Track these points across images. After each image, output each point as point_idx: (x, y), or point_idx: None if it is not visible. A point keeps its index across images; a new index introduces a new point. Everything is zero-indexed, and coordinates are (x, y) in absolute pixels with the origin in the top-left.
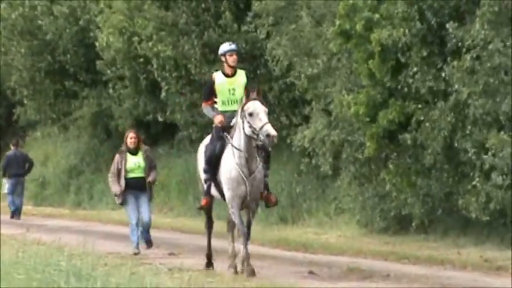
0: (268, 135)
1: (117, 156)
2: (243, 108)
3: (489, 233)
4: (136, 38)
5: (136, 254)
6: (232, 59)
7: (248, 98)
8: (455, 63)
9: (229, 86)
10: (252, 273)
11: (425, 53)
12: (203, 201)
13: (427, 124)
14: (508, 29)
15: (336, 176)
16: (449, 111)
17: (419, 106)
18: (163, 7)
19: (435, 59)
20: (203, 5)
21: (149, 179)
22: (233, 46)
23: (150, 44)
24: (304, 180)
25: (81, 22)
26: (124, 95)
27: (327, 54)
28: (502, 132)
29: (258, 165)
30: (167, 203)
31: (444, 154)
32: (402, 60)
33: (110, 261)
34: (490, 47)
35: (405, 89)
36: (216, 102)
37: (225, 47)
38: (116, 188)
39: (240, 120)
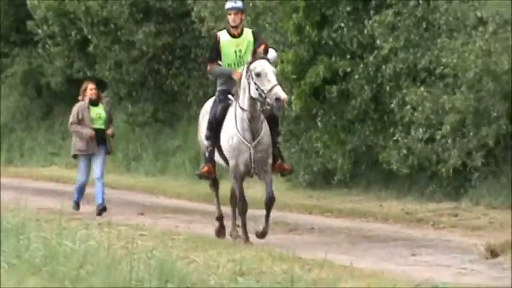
0: (277, 99)
1: (77, 106)
2: (248, 67)
3: (410, 187)
4: None
5: (100, 212)
6: (232, 18)
7: (255, 57)
8: (377, 17)
9: (235, 47)
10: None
11: (349, 8)
12: (205, 169)
13: (355, 77)
14: None
15: None
16: (373, 65)
17: (346, 61)
18: None
19: (361, 14)
20: None
21: (109, 131)
22: (238, 4)
23: (79, 0)
24: None
25: None
26: (55, 53)
27: (253, 14)
28: (422, 88)
29: (264, 129)
30: None
31: (368, 108)
32: (329, 14)
33: (42, 216)
34: (411, 3)
35: (332, 44)
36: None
37: (228, 4)
38: (87, 130)
39: (245, 81)
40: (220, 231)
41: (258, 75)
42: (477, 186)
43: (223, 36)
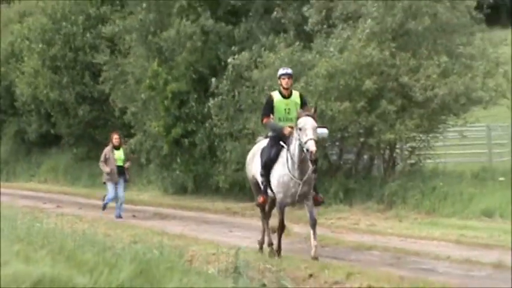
0: (307, 150)
1: (105, 149)
2: (296, 122)
3: (228, 194)
4: None
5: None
6: (285, 82)
7: (300, 114)
8: (212, 102)
9: (285, 106)
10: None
11: (196, 95)
12: (261, 199)
13: (199, 134)
14: None
15: (148, 164)
16: (209, 128)
17: (193, 125)
18: None
19: (203, 100)
20: None
21: (126, 165)
22: (287, 71)
23: (45, 91)
24: None
25: None
26: (32, 121)
27: (141, 100)
28: (236, 142)
29: (309, 170)
30: None
31: (206, 153)
32: (184, 99)
33: (24, 210)
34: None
35: (185, 116)
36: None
37: (280, 71)
38: (107, 168)
39: (296, 132)
40: (274, 252)
41: (301, 129)
42: None
43: (276, 96)
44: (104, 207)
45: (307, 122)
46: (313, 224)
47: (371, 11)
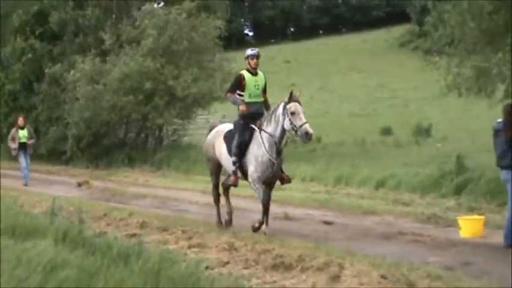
0: (306, 133)
1: (13, 129)
2: (285, 107)
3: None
4: None
5: (25, 185)
6: (253, 63)
7: (291, 99)
8: None
9: (254, 82)
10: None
11: (25, 94)
12: (233, 179)
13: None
14: None
15: None
16: (32, 118)
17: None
18: None
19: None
20: None
21: (29, 142)
22: (254, 52)
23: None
24: None
25: None
26: None
27: None
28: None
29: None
30: None
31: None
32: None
33: None
34: None
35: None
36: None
37: (248, 51)
38: (14, 145)
39: (281, 116)
40: (229, 222)
41: (293, 113)
42: None
43: (246, 74)
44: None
45: (297, 107)
46: (267, 203)
47: (148, 34)
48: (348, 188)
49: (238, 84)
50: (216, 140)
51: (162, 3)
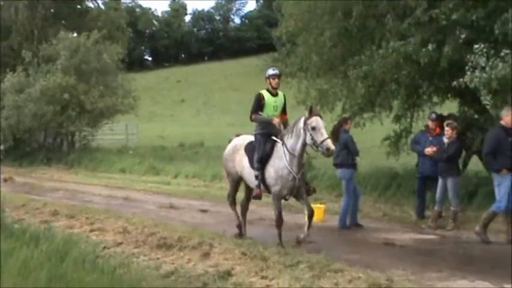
0: (328, 149)
1: None
2: (306, 121)
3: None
4: None
5: None
6: (274, 82)
7: (311, 114)
8: None
9: (274, 103)
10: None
11: None
12: (258, 192)
13: None
14: None
15: None
16: None
17: None
18: None
19: None
20: None
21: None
22: (276, 72)
23: None
24: None
25: None
26: None
27: None
28: None
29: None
30: None
31: None
32: None
33: None
34: None
35: None
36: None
37: (270, 71)
38: None
39: (302, 131)
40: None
41: (314, 128)
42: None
43: (266, 94)
44: None
45: (318, 122)
46: (311, 214)
47: (62, 54)
48: (222, 183)
49: (259, 104)
50: (236, 154)
51: (76, 34)
